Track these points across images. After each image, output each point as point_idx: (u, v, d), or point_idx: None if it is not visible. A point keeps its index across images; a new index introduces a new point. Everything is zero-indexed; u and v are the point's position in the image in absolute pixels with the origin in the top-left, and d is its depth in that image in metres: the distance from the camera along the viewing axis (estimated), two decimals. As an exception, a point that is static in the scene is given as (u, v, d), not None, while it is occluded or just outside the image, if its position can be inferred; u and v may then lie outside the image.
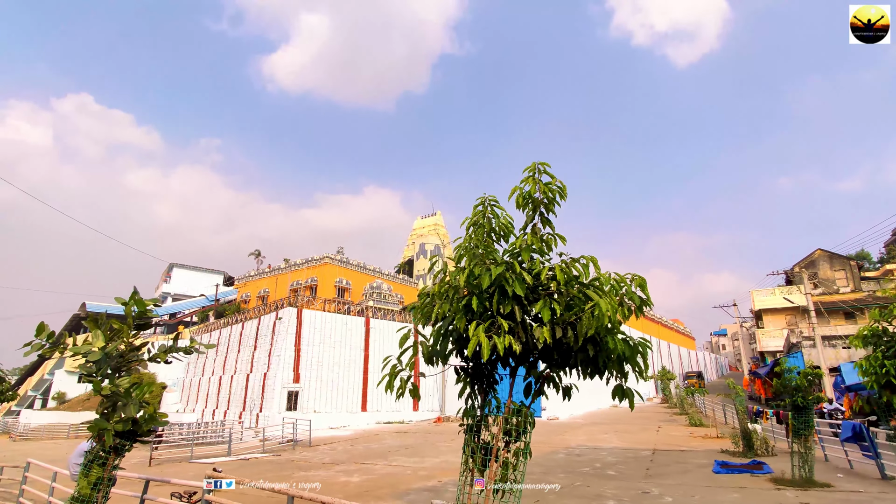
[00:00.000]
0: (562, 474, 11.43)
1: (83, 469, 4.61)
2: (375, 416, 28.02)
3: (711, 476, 10.87)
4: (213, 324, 40.66)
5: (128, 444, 4.70)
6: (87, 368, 4.57)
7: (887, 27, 11.29)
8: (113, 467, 4.68)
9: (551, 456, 14.52)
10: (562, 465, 12.68)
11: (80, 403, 42.50)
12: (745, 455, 13.12)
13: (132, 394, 4.53)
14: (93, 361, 4.64)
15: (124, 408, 4.55)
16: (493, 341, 2.55)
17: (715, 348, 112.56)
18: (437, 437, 20.68)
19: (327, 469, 13.62)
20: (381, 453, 16.36)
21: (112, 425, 4.53)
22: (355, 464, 14.36)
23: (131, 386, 4.63)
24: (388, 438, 21.07)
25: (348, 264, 44.43)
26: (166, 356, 4.93)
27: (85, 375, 4.65)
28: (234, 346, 33.13)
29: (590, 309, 2.55)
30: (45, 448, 27.86)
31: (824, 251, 36.39)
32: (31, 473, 8.15)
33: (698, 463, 12.43)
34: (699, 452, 14.27)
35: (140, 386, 4.56)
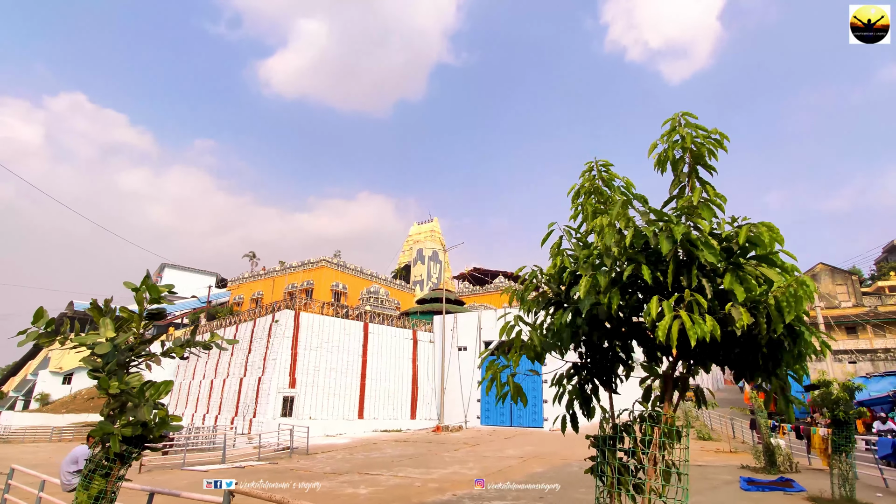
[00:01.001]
0: (583, 489, 10.79)
1: (83, 480, 3.93)
2: (372, 423, 27.20)
3: (743, 493, 10.31)
4: (205, 326, 39.62)
5: (136, 452, 4.04)
6: (93, 362, 3.92)
7: (887, 27, 11.10)
8: (118, 478, 4.01)
9: (563, 468, 13.89)
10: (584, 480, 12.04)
11: (63, 405, 41.16)
12: (768, 471, 12.58)
13: (145, 393, 3.88)
14: (100, 354, 3.99)
15: (135, 409, 3.89)
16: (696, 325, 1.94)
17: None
18: (438, 446, 19.95)
19: (330, 479, 12.88)
20: (384, 463, 15.62)
21: (119, 429, 3.87)
22: (358, 474, 13.62)
23: (144, 385, 3.98)
24: (388, 447, 20.31)
25: (345, 268, 43.67)
26: (183, 350, 4.28)
27: (90, 371, 3.99)
28: (227, 349, 32.18)
29: (791, 288, 1.97)
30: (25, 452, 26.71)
31: (826, 265, 36.24)
32: (16, 481, 7.38)
33: (723, 479, 11.86)
34: (718, 468, 13.71)
35: (155, 385, 3.91)
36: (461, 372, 30.38)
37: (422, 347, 31.60)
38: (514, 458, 15.90)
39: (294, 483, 12.31)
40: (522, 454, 16.91)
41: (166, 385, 3.91)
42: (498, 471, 13.52)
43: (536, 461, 15.20)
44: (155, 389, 3.88)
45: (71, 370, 43.42)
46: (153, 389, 3.87)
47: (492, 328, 29.97)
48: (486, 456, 16.66)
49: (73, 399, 42.10)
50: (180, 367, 39.26)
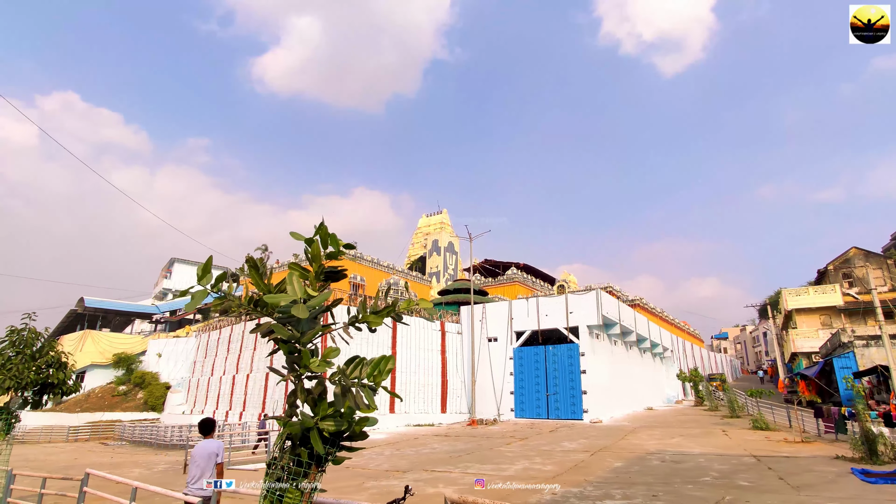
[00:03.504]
0: (690, 485, 9.86)
1: (270, 494, 2.94)
2: (404, 418, 26.27)
3: (868, 486, 9.39)
4: (222, 321, 38.57)
5: (333, 452, 3.05)
6: (284, 332, 2.91)
7: (887, 27, 11.33)
8: (312, 489, 3.01)
9: (644, 462, 12.96)
10: (678, 474, 11.11)
11: (77, 404, 40.19)
12: (873, 462, 11.66)
13: (362, 372, 2.86)
14: (292, 322, 2.98)
15: (341, 396, 2.88)
16: None
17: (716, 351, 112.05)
18: (486, 441, 19.02)
19: (398, 478, 11.93)
20: (442, 459, 14.68)
21: (322, 423, 2.86)
22: (425, 471, 12.67)
23: (354, 362, 2.97)
24: (433, 442, 19.38)
25: (362, 260, 42.66)
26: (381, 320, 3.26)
27: (281, 343, 2.98)
28: (248, 343, 31.17)
29: None
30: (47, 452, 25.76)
31: (860, 249, 35.34)
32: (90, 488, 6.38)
33: (832, 471, 10.94)
34: (808, 459, 12.78)
35: (373, 362, 2.89)
36: (492, 363, 29.44)
37: (450, 339, 30.66)
38: (578, 452, 14.96)
39: (364, 482, 11.35)
40: (584, 447, 15.98)
41: (387, 361, 2.89)
42: (573, 466, 12.57)
43: (607, 454, 14.27)
44: (374, 367, 2.86)
45: (83, 368, 42.39)
46: (374, 367, 2.85)
47: (524, 318, 29.01)
48: (546, 450, 15.72)
49: (86, 398, 41.13)
50: (196, 363, 38.28)
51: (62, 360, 7.61)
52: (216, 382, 32.81)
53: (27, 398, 7.66)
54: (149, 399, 38.00)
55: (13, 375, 6.82)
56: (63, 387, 7.51)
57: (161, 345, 41.65)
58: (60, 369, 7.44)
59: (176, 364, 40.30)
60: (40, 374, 7.29)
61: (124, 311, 48.05)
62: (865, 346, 25.45)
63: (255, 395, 27.45)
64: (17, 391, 7.20)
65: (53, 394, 7.69)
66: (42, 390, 7.57)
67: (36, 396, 7.63)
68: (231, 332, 34.15)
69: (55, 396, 7.77)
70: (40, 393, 7.60)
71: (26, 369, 6.99)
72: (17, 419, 7.60)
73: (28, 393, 7.51)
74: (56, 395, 7.75)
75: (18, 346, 7.13)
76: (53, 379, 7.39)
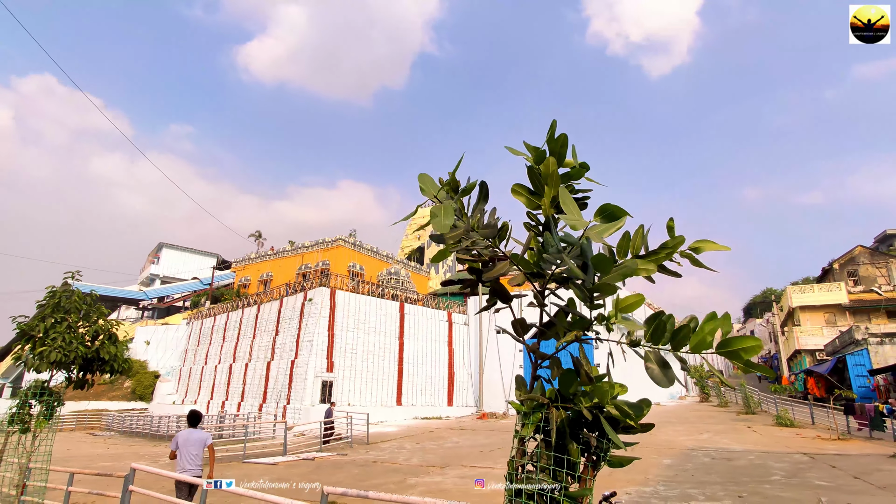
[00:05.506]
0: (766, 485, 9.16)
1: None
2: (411, 410, 25.36)
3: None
4: (214, 308, 37.09)
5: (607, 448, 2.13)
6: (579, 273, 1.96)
7: (887, 27, 11.35)
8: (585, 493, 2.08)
9: (693, 458, 12.27)
10: (741, 472, 10.42)
11: (59, 393, 38.35)
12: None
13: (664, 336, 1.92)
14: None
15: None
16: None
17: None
18: (505, 434, 18.22)
19: (439, 473, 11.03)
20: (473, 454, 13.84)
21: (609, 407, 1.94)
22: (464, 466, 11.81)
23: (657, 320, 2.04)
24: (451, 435, 18.53)
25: (362, 248, 41.51)
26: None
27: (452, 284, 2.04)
28: (246, 331, 29.89)
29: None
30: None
31: (865, 248, 35.38)
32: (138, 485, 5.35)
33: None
34: (864, 457, 12.25)
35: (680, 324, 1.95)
36: (500, 356, 28.67)
37: (457, 330, 29.80)
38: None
39: (405, 478, 10.43)
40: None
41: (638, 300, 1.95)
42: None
43: (647, 450, 13.56)
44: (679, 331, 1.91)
45: (66, 355, 40.51)
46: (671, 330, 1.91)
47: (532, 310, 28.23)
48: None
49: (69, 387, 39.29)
50: (187, 352, 36.81)
51: (113, 330, 6.49)
52: (210, 372, 31.45)
53: (70, 376, 6.56)
54: (136, 388, 36.41)
55: (58, 346, 5.74)
56: (115, 363, 6.41)
57: (149, 332, 39.99)
58: (113, 342, 6.33)
59: (165, 352, 38.70)
60: (90, 348, 6.18)
61: (110, 297, 46.19)
62: (880, 344, 25.26)
63: (255, 384, 26.25)
64: (63, 368, 6.14)
65: (101, 371, 6.60)
66: (87, 366, 6.46)
67: (80, 374, 6.54)
68: (227, 318, 32.78)
69: (105, 374, 6.67)
70: (84, 369, 6.50)
71: (75, 339, 5.91)
72: (61, 402, 6.55)
73: (74, 369, 6.41)
74: (106, 374, 6.65)
75: (63, 311, 6.02)
76: (104, 353, 6.29)
